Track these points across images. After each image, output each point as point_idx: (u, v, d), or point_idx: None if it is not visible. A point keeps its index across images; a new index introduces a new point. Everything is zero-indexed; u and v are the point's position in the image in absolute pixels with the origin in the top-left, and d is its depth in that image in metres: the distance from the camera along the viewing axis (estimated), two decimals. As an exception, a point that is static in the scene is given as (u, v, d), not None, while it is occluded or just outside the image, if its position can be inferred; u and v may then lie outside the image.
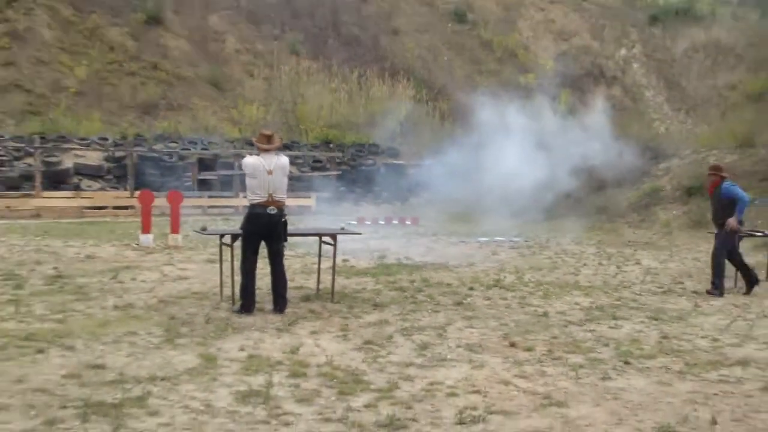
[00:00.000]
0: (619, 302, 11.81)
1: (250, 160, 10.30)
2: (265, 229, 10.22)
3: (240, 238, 10.53)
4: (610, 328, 9.82)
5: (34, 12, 37.40)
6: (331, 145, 35.65)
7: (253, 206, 10.20)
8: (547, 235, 22.95)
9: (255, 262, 10.36)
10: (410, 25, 44.72)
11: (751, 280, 13.18)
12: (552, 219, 27.34)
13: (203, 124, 35.61)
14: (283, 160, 10.36)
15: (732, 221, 12.78)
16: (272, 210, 10.11)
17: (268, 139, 10.38)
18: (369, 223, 25.80)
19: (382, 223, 26.16)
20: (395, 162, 35.04)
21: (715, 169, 13.50)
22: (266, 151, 10.29)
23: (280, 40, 41.10)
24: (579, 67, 43.74)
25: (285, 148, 32.31)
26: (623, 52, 47.17)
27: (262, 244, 10.37)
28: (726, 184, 13.07)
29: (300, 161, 33.11)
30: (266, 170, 10.10)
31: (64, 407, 6.23)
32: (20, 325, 9.26)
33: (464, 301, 11.50)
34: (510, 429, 5.90)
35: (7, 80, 34.41)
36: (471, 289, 12.67)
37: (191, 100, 37.07)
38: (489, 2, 48.51)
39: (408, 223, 26.50)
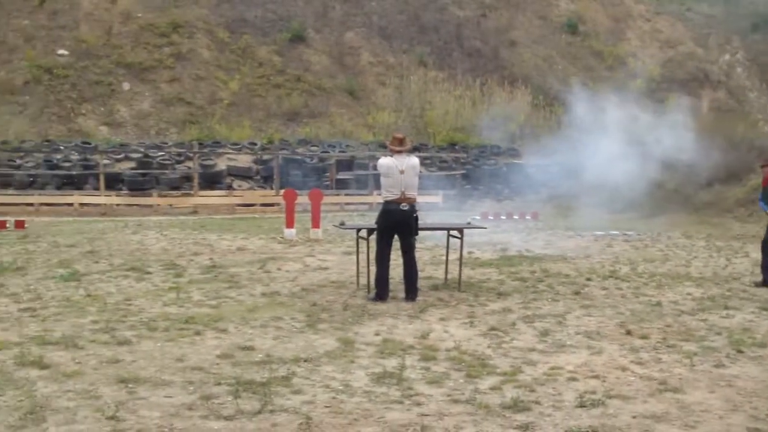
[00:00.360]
0: (729, 293, 11.29)
1: (384, 161, 10.25)
2: (398, 224, 10.16)
3: (375, 232, 10.49)
4: (722, 317, 9.38)
5: (195, 35, 38.35)
6: (457, 147, 35.47)
7: (387, 203, 10.15)
8: (658, 230, 22.27)
9: (389, 254, 10.30)
10: (527, 37, 44.24)
11: None
12: (662, 214, 26.56)
13: (341, 130, 35.91)
14: (414, 160, 10.29)
15: None
16: (404, 206, 10.05)
17: (400, 141, 10.32)
18: (491, 218, 25.54)
19: (504, 218, 25.85)
20: (515, 162, 34.65)
21: None
22: (398, 152, 10.23)
23: (409, 53, 41.13)
24: (684, 73, 42.53)
25: (415, 149, 32.31)
26: (727, 57, 45.70)
27: (395, 237, 10.32)
28: None
29: (428, 162, 33.00)
30: (399, 170, 10.04)
31: (218, 384, 6.26)
32: (180, 310, 9.40)
33: (582, 291, 11.21)
34: (628, 413, 5.66)
35: (172, 94, 35.37)
36: (588, 279, 12.34)
37: (330, 108, 37.41)
38: (599, 15, 47.65)
39: (528, 218, 26.10)
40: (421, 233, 10.77)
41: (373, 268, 10.41)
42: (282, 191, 20.45)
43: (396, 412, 5.64)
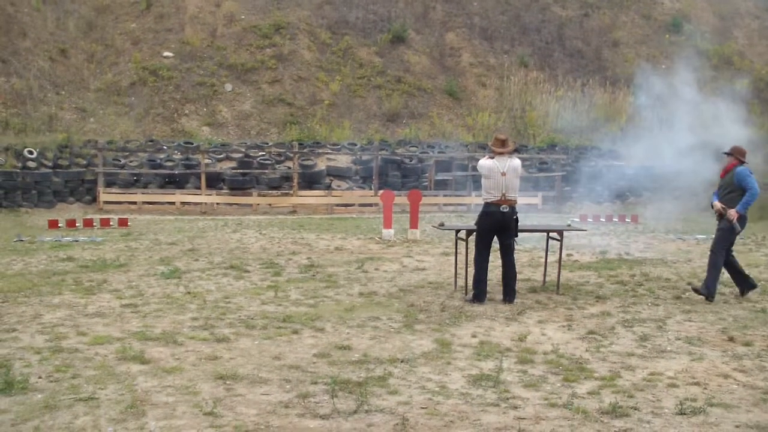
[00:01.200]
0: (841, 301, 10.88)
1: (485, 163, 10.20)
2: (497, 226, 10.10)
3: (474, 234, 10.44)
4: (833, 326, 9.04)
5: (297, 37, 38.76)
6: (557, 148, 35.06)
7: (487, 204, 10.10)
8: (763, 233, 21.59)
9: (488, 255, 10.25)
10: (630, 37, 43.39)
11: (745, 287, 11.21)
12: (767, 218, 25.76)
13: (440, 130, 35.80)
14: (516, 162, 10.21)
15: (732, 213, 10.92)
16: (505, 208, 9.98)
17: (503, 143, 10.26)
18: (591, 220, 25.17)
19: (603, 220, 25.43)
20: (616, 163, 34.04)
21: (736, 152, 11.22)
22: (500, 154, 10.16)
23: (510, 53, 40.81)
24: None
25: (515, 151, 31.99)
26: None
27: (494, 239, 10.25)
28: (741, 169, 10.98)
29: (528, 163, 32.71)
30: (500, 172, 9.99)
31: (315, 383, 6.31)
32: (278, 308, 9.51)
33: (683, 296, 10.97)
34: (730, 422, 5.51)
35: (273, 95, 35.81)
36: (689, 284, 12.02)
37: (430, 108, 37.35)
38: (705, 12, 46.47)
39: (628, 220, 25.62)
40: (520, 235, 10.67)
41: (471, 270, 10.36)
42: (380, 192, 20.46)
43: (492, 414, 5.59)
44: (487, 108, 37.37)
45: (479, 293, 10.16)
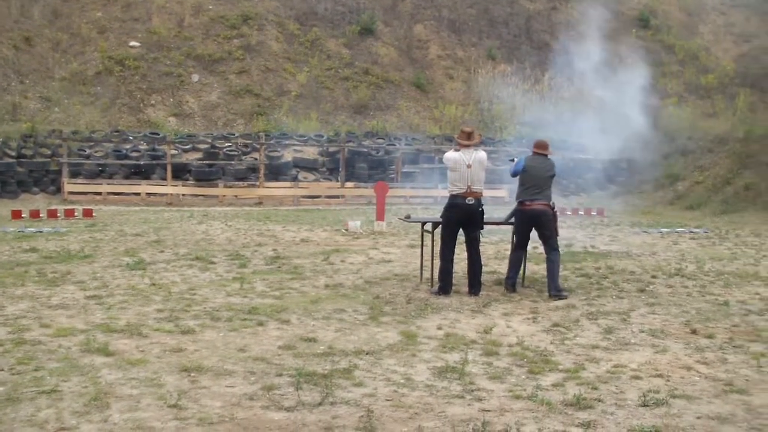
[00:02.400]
0: (801, 294, 11.02)
1: (451, 155, 10.21)
2: (463, 218, 10.11)
3: (440, 226, 10.46)
4: (793, 318, 9.16)
5: (265, 28, 38.63)
6: (524, 141, 35.18)
7: (453, 196, 10.11)
8: (726, 227, 21.84)
9: (453, 247, 10.28)
10: (597, 31, 43.65)
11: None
12: (731, 212, 26.08)
13: (408, 123, 35.87)
14: (481, 154, 10.21)
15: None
16: (470, 200, 10.00)
17: (468, 135, 10.26)
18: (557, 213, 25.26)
19: (569, 213, 25.59)
20: (582, 157, 34.27)
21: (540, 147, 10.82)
22: (466, 146, 10.17)
23: (477, 46, 40.91)
24: (759, 67, 41.54)
25: (481, 144, 32.07)
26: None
27: (460, 231, 10.27)
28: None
29: (495, 156, 32.80)
30: (466, 164, 9.99)
31: (280, 375, 6.29)
32: (244, 300, 9.49)
33: (647, 289, 11.03)
34: (692, 413, 5.56)
35: (240, 86, 35.68)
36: (653, 277, 12.15)
37: (397, 101, 37.39)
38: (672, 8, 46.86)
39: (593, 213, 25.80)
40: (486, 227, 10.69)
41: (437, 262, 10.38)
42: (374, 185, 20.36)
43: (457, 406, 5.61)
44: (454, 100, 37.48)
45: (445, 285, 10.17)
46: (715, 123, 34.17)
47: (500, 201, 27.84)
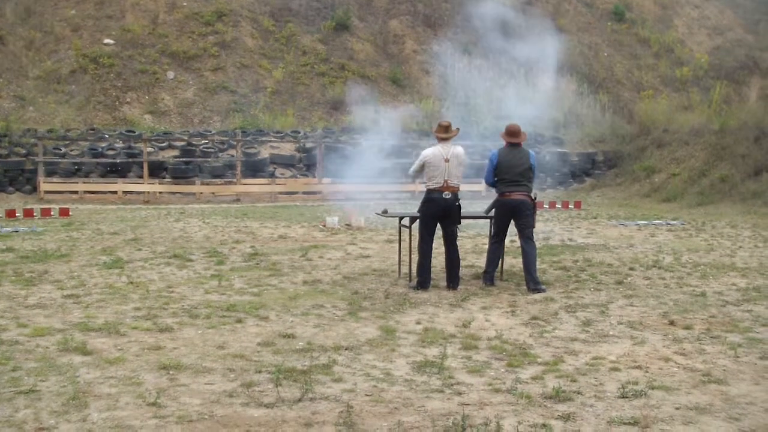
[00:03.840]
0: (776, 284, 11.12)
1: (429, 150, 10.21)
2: (440, 212, 10.13)
3: (417, 221, 10.47)
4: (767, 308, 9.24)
5: (240, 24, 38.51)
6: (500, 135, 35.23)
7: (429, 191, 10.12)
8: (703, 219, 21.99)
9: (431, 242, 10.29)
10: (572, 25, 43.80)
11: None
12: (707, 204, 26.26)
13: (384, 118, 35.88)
14: (459, 149, 10.22)
15: None
16: (447, 195, 10.01)
17: (446, 129, 10.28)
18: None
19: (547, 206, 25.68)
20: (559, 150, 34.42)
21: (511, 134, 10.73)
22: (444, 140, 10.19)
23: (453, 41, 40.95)
24: (733, 60, 41.86)
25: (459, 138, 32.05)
26: (778, 44, 44.92)
27: (438, 225, 10.29)
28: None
29: (472, 150, 32.84)
30: (443, 158, 10.01)
31: (259, 372, 6.29)
32: (222, 297, 9.47)
33: (625, 281, 11.09)
34: (671, 404, 5.60)
35: (216, 83, 35.55)
36: (631, 269, 12.21)
37: (374, 96, 37.39)
38: (647, 1, 47.11)
39: (571, 207, 25.91)
40: (463, 221, 10.71)
41: (415, 257, 10.39)
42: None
43: (437, 401, 5.62)
44: (431, 95, 37.49)
45: (423, 280, 10.19)
46: (690, 115, 34.34)
47: (478, 195, 27.90)
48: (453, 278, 10.32)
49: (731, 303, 9.53)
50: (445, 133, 10.25)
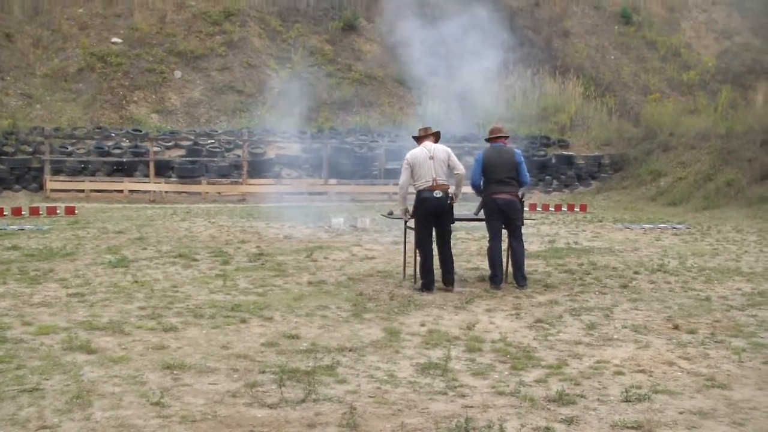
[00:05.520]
0: (782, 289, 11.09)
1: (412, 152, 10.24)
2: (433, 212, 10.12)
3: (414, 223, 10.47)
4: (773, 313, 9.22)
5: (247, 24, 38.56)
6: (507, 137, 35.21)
7: (419, 192, 10.12)
8: (708, 223, 21.95)
9: (431, 243, 10.28)
10: (580, 27, 43.75)
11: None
12: (713, 208, 26.22)
13: (391, 119, 35.86)
14: (441, 146, 10.26)
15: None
16: (438, 193, 10.00)
17: (425, 130, 10.40)
18: (540, 209, 25.38)
19: (552, 209, 25.66)
20: (565, 153, 34.39)
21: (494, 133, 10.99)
22: (422, 139, 10.28)
23: (460, 42, 40.91)
24: (740, 64, 41.74)
25: (464, 140, 32.14)
26: (785, 48, 44.81)
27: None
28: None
29: (478, 151, 32.83)
30: (428, 156, 10.04)
31: (263, 372, 6.29)
32: (227, 297, 9.47)
33: (630, 284, 11.07)
34: (674, 409, 5.58)
35: (223, 83, 35.60)
36: (636, 273, 12.19)
37: (380, 97, 37.39)
38: (654, 4, 47.00)
39: (576, 210, 25.90)
40: (468, 224, 10.70)
41: (419, 259, 10.38)
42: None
43: (440, 403, 5.62)
44: (437, 97, 37.46)
45: (428, 282, 10.17)
46: (697, 119, 34.29)
47: (467, 197, 27.85)
48: (447, 277, 10.35)
49: (736, 307, 9.50)
50: (424, 133, 10.35)
